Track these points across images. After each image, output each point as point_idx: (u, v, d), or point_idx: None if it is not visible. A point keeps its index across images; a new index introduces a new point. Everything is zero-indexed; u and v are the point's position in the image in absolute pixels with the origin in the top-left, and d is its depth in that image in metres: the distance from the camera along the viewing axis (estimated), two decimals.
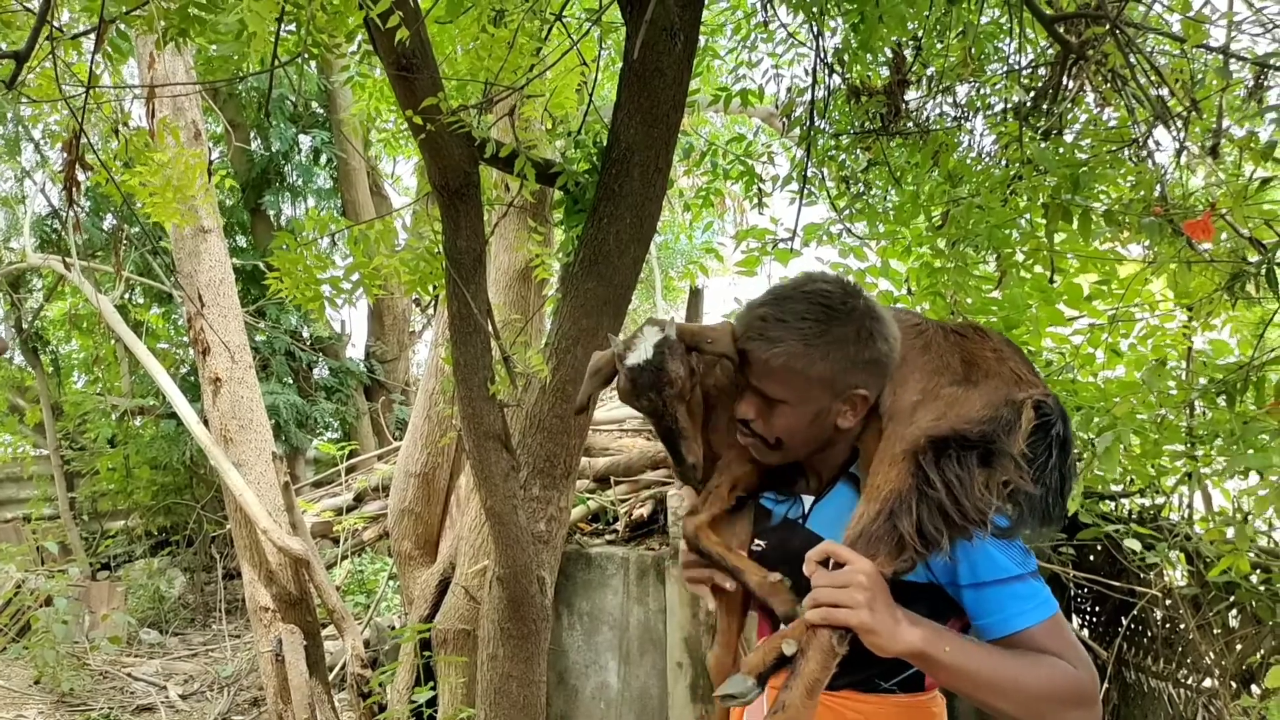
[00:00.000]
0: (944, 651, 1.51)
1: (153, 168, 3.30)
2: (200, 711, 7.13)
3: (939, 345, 1.71)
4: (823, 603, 1.51)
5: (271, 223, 10.38)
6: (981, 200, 2.81)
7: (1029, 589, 1.59)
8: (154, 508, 10.31)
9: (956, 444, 1.57)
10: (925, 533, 1.55)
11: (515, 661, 3.32)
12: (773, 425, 1.68)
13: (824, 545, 1.56)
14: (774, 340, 1.62)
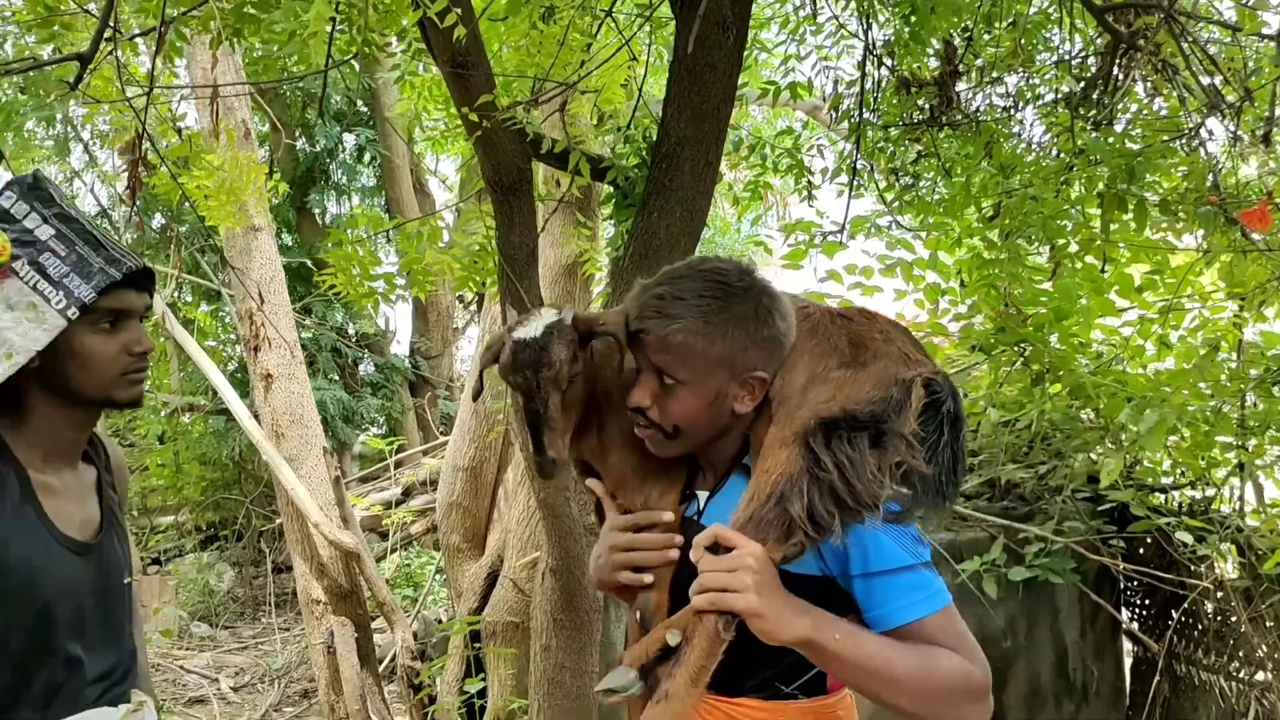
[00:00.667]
0: (833, 639, 1.47)
1: (209, 170, 3.37)
2: (251, 703, 7.26)
3: (826, 328, 1.67)
4: (709, 587, 1.46)
5: (316, 221, 10.51)
6: (1035, 191, 2.80)
7: (920, 579, 1.56)
8: (203, 503, 10.49)
9: (847, 424, 1.53)
10: (816, 516, 1.50)
11: (568, 652, 3.36)
12: (670, 411, 1.62)
13: (711, 529, 1.51)
14: (673, 317, 1.57)
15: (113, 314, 1.70)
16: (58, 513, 1.70)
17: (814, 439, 1.53)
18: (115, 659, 1.80)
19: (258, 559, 10.41)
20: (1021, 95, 3.29)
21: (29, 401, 1.70)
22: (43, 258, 1.65)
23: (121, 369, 1.73)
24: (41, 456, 1.71)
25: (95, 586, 1.75)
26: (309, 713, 6.93)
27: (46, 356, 1.65)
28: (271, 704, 7.08)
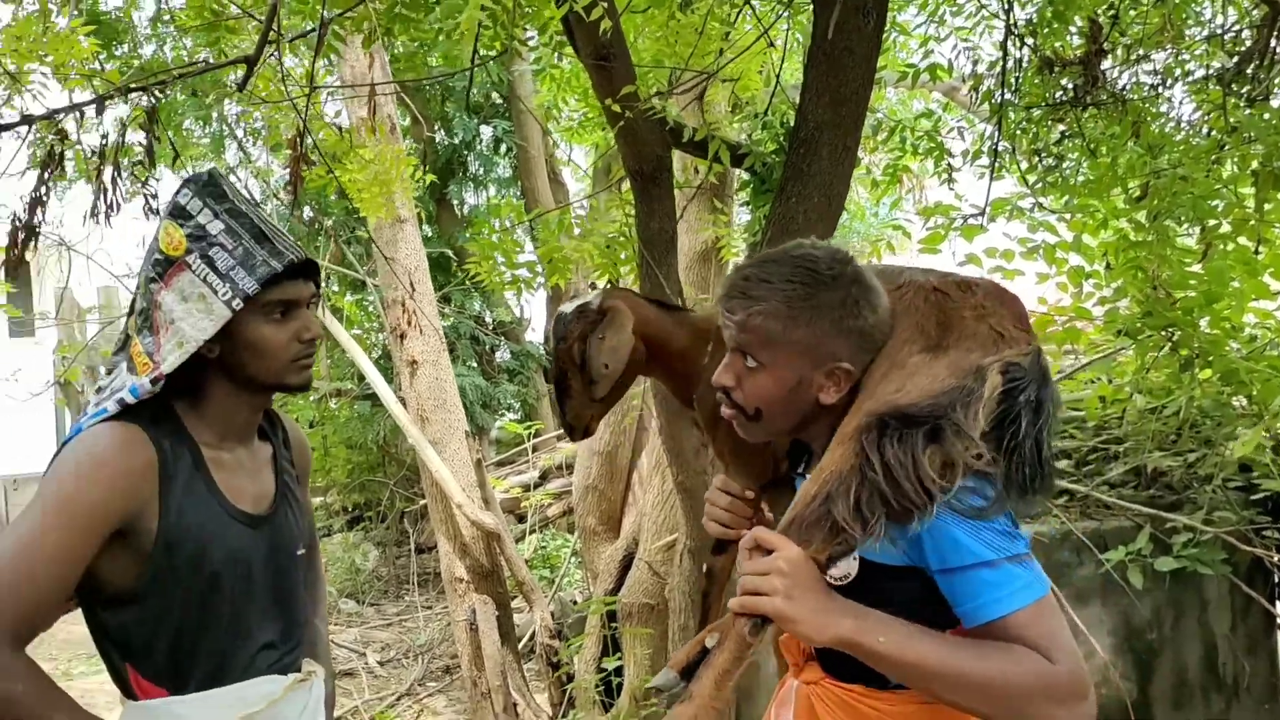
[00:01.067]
0: (878, 641, 1.43)
1: (362, 164, 3.53)
2: (397, 677, 7.55)
3: (917, 309, 1.60)
4: (744, 590, 1.45)
5: (455, 212, 10.81)
6: (1184, 171, 2.71)
7: (1002, 575, 1.47)
8: (349, 485, 10.89)
9: (899, 421, 1.47)
10: (862, 517, 1.45)
11: None
12: (750, 393, 1.61)
13: (753, 532, 1.49)
14: (755, 299, 1.56)
15: (283, 304, 1.78)
16: (229, 487, 1.79)
17: (867, 436, 1.48)
18: (286, 629, 1.88)
19: (400, 539, 10.79)
20: (1169, 72, 3.18)
21: (207, 385, 1.79)
22: (212, 251, 1.73)
23: (293, 356, 1.81)
24: (217, 435, 1.80)
25: (267, 558, 1.83)
26: (451, 687, 7.17)
27: (224, 345, 1.74)
28: (416, 678, 7.35)
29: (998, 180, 3.82)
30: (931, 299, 1.61)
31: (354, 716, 6.60)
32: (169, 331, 1.72)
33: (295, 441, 2.03)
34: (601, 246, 3.31)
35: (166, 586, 1.69)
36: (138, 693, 1.73)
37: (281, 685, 1.83)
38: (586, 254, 3.34)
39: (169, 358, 1.70)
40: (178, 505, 1.69)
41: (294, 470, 2.00)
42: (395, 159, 3.73)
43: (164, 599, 1.69)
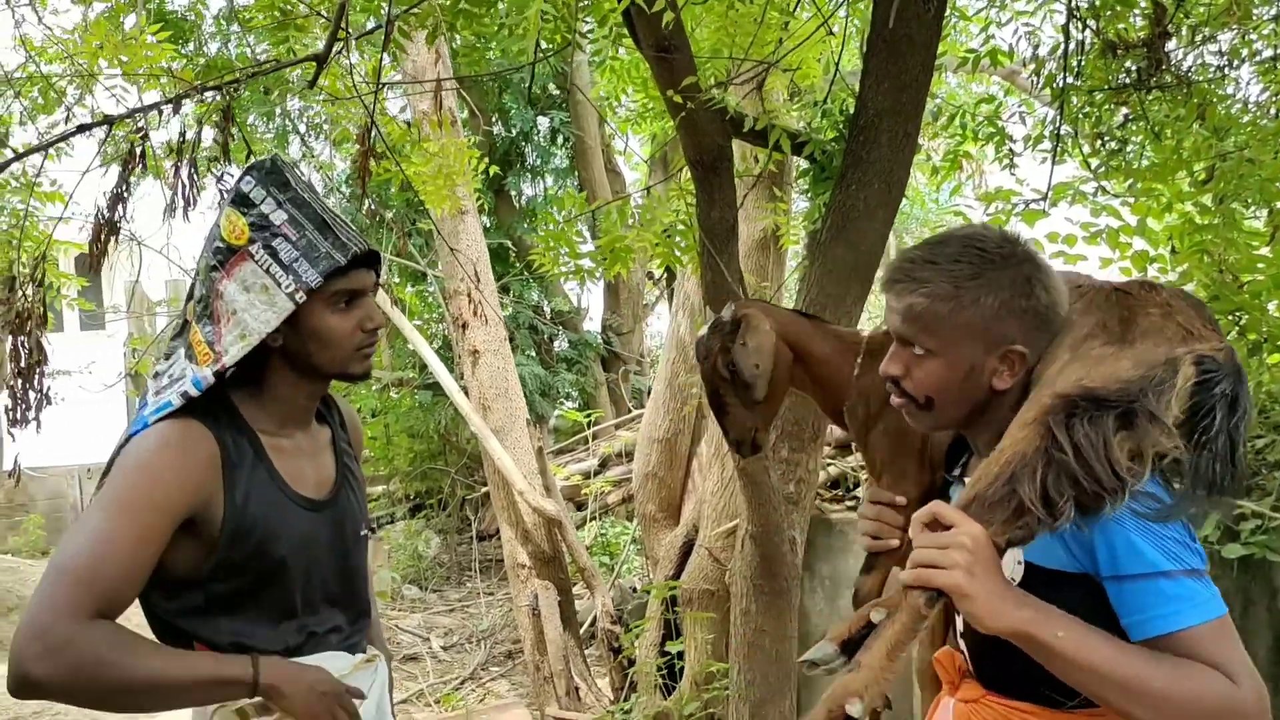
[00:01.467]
0: (1055, 636, 1.34)
1: (427, 157, 3.60)
2: (460, 662, 7.67)
3: (1099, 305, 1.54)
4: (920, 563, 1.38)
5: (513, 203, 10.90)
6: (1251, 153, 2.68)
7: (1181, 588, 1.38)
8: (411, 473, 11.02)
9: (1090, 403, 1.39)
10: (1049, 498, 1.37)
11: (768, 617, 3.45)
12: (920, 382, 1.55)
13: (930, 506, 1.42)
14: (920, 281, 1.50)
15: (347, 294, 1.78)
16: (290, 473, 1.81)
17: (1054, 418, 1.41)
18: (352, 611, 1.90)
19: (461, 527, 10.93)
20: (1236, 53, 3.13)
21: (267, 374, 1.80)
22: (275, 242, 1.73)
23: (356, 345, 1.82)
24: (276, 423, 1.82)
25: (331, 542, 1.85)
26: (513, 672, 7.27)
27: (288, 334, 1.75)
28: (479, 663, 7.46)
29: (1060, 165, 3.79)
30: (1113, 298, 1.55)
31: (419, 699, 6.73)
32: (230, 322, 1.73)
33: (349, 421, 2.05)
34: (661, 236, 3.34)
35: (233, 573, 1.71)
36: None
37: (350, 663, 1.86)
38: (648, 243, 3.38)
39: (231, 349, 1.72)
40: (242, 495, 1.71)
41: (352, 450, 2.01)
42: (458, 152, 3.80)
43: (230, 584, 1.71)
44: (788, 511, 3.37)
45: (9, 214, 4.89)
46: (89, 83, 5.14)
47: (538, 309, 10.92)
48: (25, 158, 2.61)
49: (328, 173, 9.75)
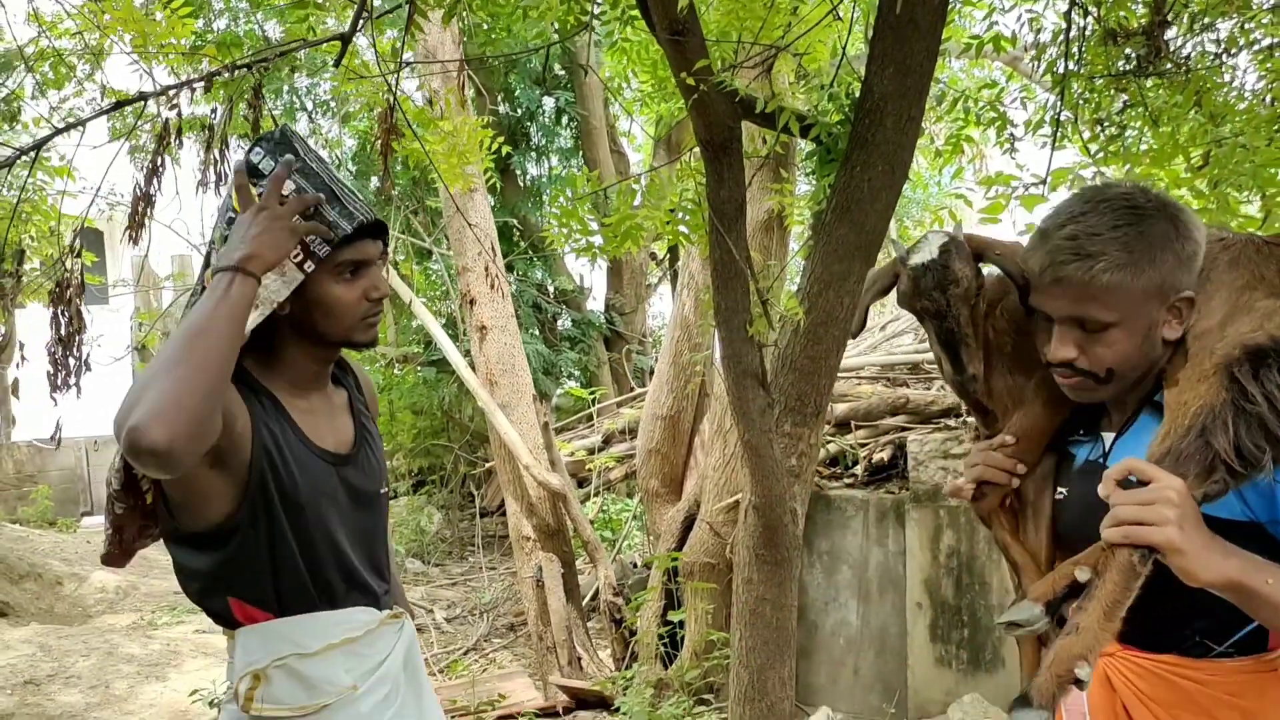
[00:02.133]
0: (1265, 584, 1.34)
1: (443, 136, 3.68)
2: (463, 634, 7.79)
3: (1249, 258, 1.53)
4: (1124, 520, 1.35)
5: (518, 182, 10.97)
6: (1245, 140, 2.77)
7: None
8: (415, 449, 11.12)
9: (1277, 354, 1.39)
10: (1243, 450, 1.37)
11: (769, 585, 3.55)
12: (1102, 357, 1.52)
13: (1125, 462, 1.40)
14: (1094, 255, 1.46)
15: (354, 264, 1.84)
16: (311, 429, 1.87)
17: (1239, 369, 1.40)
18: (374, 567, 1.97)
19: (463, 503, 11.05)
20: (1234, 42, 3.22)
21: (279, 342, 1.86)
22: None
23: (362, 314, 1.87)
24: (290, 386, 1.88)
25: (350, 497, 1.92)
26: (515, 643, 7.40)
27: (296, 303, 1.81)
28: (482, 634, 7.58)
29: (1059, 150, 3.87)
30: (1264, 250, 1.55)
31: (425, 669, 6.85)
32: None
33: (364, 384, 2.12)
34: (669, 214, 3.43)
35: (261, 517, 1.76)
36: (243, 620, 1.82)
37: (377, 617, 1.93)
38: (657, 221, 3.47)
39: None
40: (268, 436, 1.77)
41: (369, 412, 2.08)
42: (472, 131, 3.89)
43: (260, 530, 1.77)
44: (789, 484, 3.47)
45: (15, 188, 4.97)
46: (101, 58, 5.22)
47: (541, 288, 11.02)
48: (57, 136, 2.69)
49: (335, 149, 9.82)
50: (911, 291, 1.63)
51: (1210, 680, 1.53)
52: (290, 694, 1.80)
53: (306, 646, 1.82)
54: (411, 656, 2.02)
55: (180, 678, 6.35)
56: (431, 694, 2.08)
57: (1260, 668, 1.53)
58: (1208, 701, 1.53)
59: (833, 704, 5.30)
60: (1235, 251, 1.54)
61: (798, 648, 5.46)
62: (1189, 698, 1.54)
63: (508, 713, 5.24)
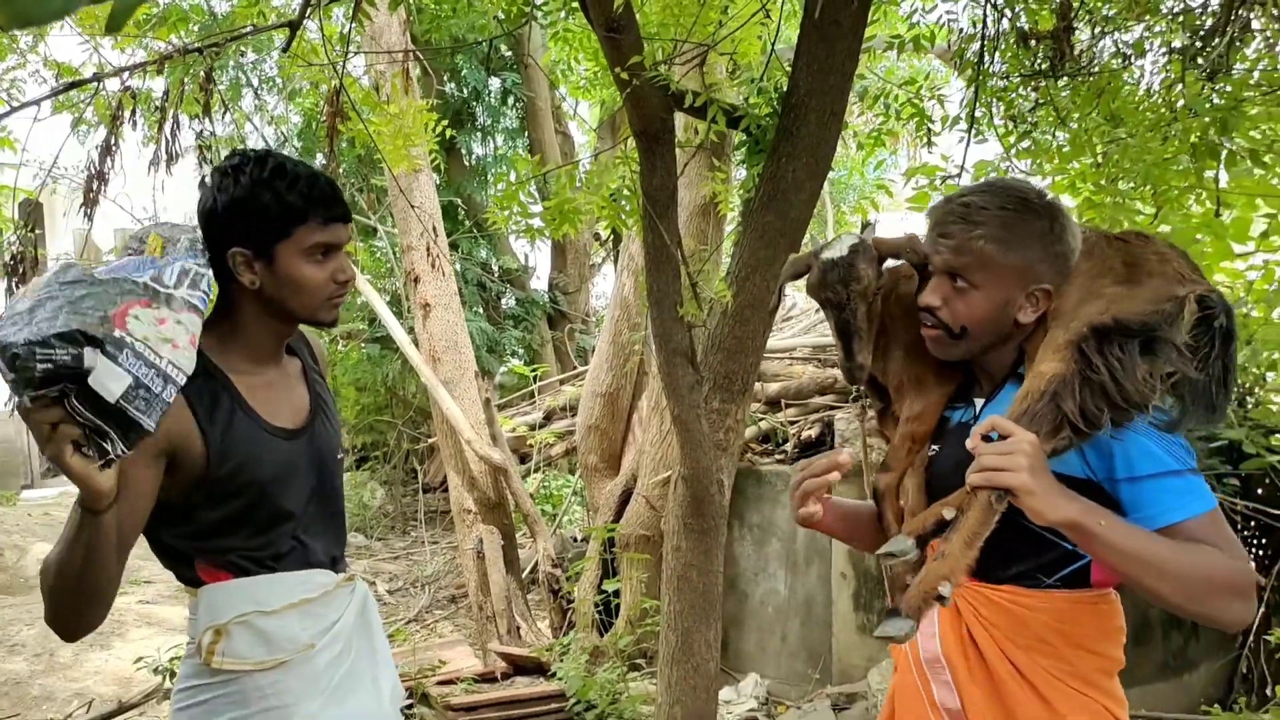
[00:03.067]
0: (1099, 525, 1.55)
1: (388, 119, 3.80)
2: (405, 605, 7.93)
3: (1102, 250, 1.76)
4: (986, 467, 1.56)
5: (464, 162, 11.04)
6: (1137, 141, 3.00)
7: (1186, 483, 1.63)
8: (358, 425, 11.17)
9: (1119, 331, 1.62)
10: (1087, 413, 1.60)
11: (697, 553, 3.74)
12: (959, 313, 1.75)
13: (989, 419, 1.62)
14: (977, 223, 1.70)
15: (325, 247, 1.91)
16: (265, 407, 1.94)
17: (1086, 344, 1.62)
18: (333, 529, 2.07)
19: (406, 479, 11.13)
20: (1139, 47, 3.44)
21: (242, 316, 1.94)
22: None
23: (328, 294, 1.95)
24: (249, 360, 1.95)
25: (310, 465, 1.99)
26: (456, 615, 7.55)
27: (267, 279, 1.90)
28: (423, 606, 7.73)
29: (982, 143, 4.10)
30: (1115, 244, 1.76)
31: None
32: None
33: (317, 351, 2.22)
34: (607, 200, 3.60)
35: (222, 500, 1.85)
36: (207, 580, 1.90)
37: (334, 579, 2.01)
38: (595, 206, 3.63)
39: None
40: (219, 432, 1.84)
41: (323, 379, 2.17)
42: (417, 113, 4.01)
43: (220, 510, 1.86)
44: (717, 457, 3.67)
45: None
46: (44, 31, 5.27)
47: (486, 266, 11.11)
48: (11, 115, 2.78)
49: (280, 125, 9.82)
50: (819, 282, 1.83)
51: (1040, 608, 1.77)
52: (250, 648, 1.89)
53: (267, 604, 1.91)
54: (367, 616, 2.12)
55: (125, 646, 6.43)
56: (387, 652, 2.17)
57: (1080, 600, 1.77)
58: (1037, 626, 1.77)
59: (761, 670, 5.53)
60: (1089, 245, 1.77)
61: (729, 616, 5.69)
62: (1022, 622, 1.78)
63: (448, 678, 5.40)
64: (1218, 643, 5.40)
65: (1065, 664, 1.78)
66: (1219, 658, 5.38)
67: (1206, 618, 1.61)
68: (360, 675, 2.07)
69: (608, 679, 4.92)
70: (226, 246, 1.89)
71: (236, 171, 1.89)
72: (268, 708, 1.91)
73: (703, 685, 3.83)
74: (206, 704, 1.91)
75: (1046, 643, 1.78)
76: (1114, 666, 1.82)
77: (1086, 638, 1.78)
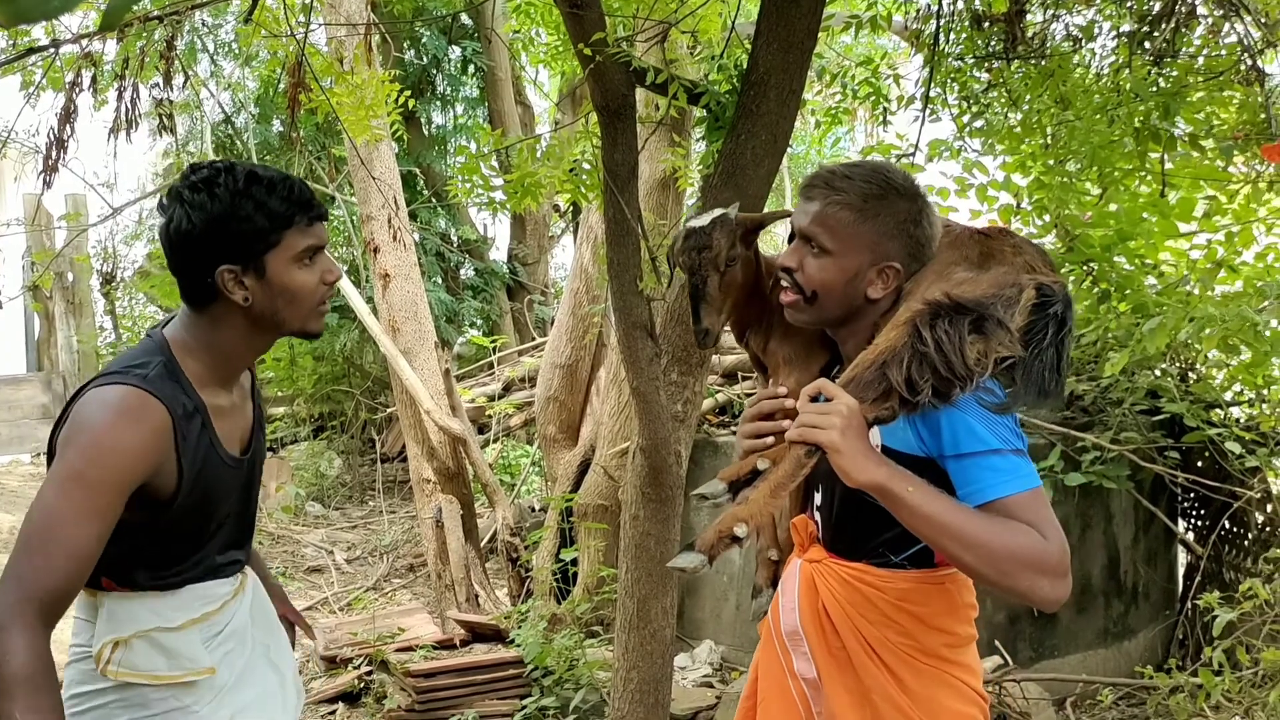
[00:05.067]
0: (907, 491, 1.63)
1: (350, 89, 3.81)
2: (363, 574, 7.96)
3: (964, 242, 1.85)
4: (803, 424, 1.66)
5: (423, 130, 10.98)
6: (1083, 123, 3.08)
7: (1008, 463, 1.70)
8: (315, 395, 11.12)
9: (951, 309, 1.69)
10: (912, 382, 1.66)
11: (654, 522, 3.81)
12: (811, 276, 1.81)
13: (816, 383, 1.72)
14: (836, 190, 1.78)
15: (311, 249, 1.87)
16: (224, 434, 1.93)
17: (920, 319, 1.69)
18: (244, 541, 2.11)
19: (364, 449, 11.13)
20: (1089, 31, 3.53)
21: (225, 336, 1.90)
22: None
23: (318, 299, 1.92)
24: (220, 382, 1.93)
25: (243, 489, 2.03)
26: (414, 583, 7.60)
27: (258, 293, 1.84)
28: (382, 575, 7.77)
29: (936, 123, 4.19)
30: (975, 237, 1.86)
31: (324, 606, 7.02)
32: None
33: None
34: (567, 174, 3.64)
35: (169, 522, 1.86)
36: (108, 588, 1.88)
37: (232, 587, 2.05)
38: (556, 179, 3.67)
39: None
40: (190, 459, 1.84)
41: (261, 391, 2.18)
42: (379, 84, 4.02)
43: (162, 531, 1.86)
44: (675, 428, 3.73)
45: None
46: None
47: (445, 237, 11.08)
48: None
49: (237, 92, 9.71)
50: (680, 247, 1.94)
51: (885, 587, 1.86)
52: (149, 662, 1.88)
53: (171, 621, 1.91)
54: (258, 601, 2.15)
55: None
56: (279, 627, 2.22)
57: (926, 579, 1.86)
58: (883, 605, 1.86)
59: (715, 637, 5.64)
60: (955, 236, 1.88)
61: (684, 585, 5.79)
62: (869, 601, 1.86)
63: (407, 645, 5.45)
64: (1156, 610, 5.58)
65: (911, 640, 1.86)
66: (1156, 625, 5.56)
67: (1017, 593, 1.67)
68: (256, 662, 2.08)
69: (565, 645, 5.00)
70: (212, 266, 1.82)
71: (209, 185, 1.82)
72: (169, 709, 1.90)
73: (659, 651, 3.91)
74: (103, 709, 1.89)
75: (892, 620, 1.86)
76: (962, 642, 1.91)
77: (932, 615, 1.86)
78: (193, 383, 1.86)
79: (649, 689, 3.85)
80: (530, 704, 4.78)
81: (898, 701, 1.83)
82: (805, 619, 1.93)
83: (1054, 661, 4.97)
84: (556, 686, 4.83)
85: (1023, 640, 4.95)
